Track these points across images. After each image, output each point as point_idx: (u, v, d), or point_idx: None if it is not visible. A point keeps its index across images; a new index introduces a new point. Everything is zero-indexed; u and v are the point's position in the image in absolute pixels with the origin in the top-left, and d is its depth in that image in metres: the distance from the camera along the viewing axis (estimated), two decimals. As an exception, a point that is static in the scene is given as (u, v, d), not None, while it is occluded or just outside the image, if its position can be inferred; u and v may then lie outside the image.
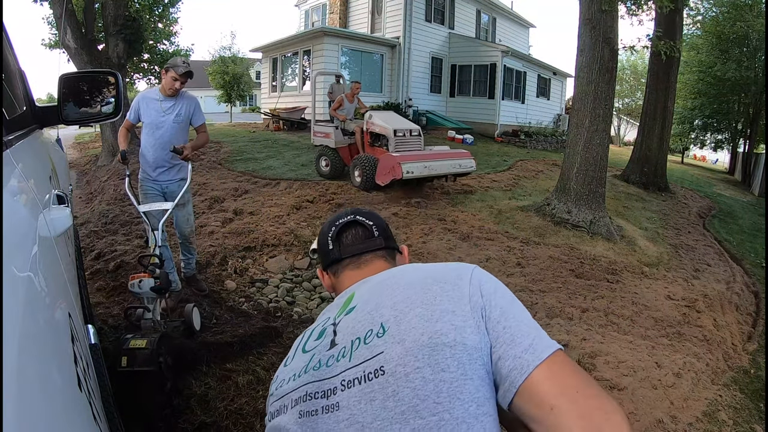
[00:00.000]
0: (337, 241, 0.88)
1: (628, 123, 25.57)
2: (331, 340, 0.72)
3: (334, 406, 0.65)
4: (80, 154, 10.51)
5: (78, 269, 1.45)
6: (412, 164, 5.30)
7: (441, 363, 0.60)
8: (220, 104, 19.97)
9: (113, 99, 1.55)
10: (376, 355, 0.65)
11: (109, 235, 4.22)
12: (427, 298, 0.67)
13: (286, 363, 0.78)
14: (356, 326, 0.70)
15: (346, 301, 0.78)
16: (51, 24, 10.19)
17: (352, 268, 0.87)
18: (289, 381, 0.73)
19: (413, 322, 0.65)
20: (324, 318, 0.80)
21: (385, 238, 0.90)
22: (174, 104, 2.83)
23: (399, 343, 0.64)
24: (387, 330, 0.66)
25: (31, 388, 0.40)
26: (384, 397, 0.61)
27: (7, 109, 1.11)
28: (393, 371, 0.62)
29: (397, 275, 0.76)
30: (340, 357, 0.69)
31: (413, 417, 0.59)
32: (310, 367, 0.71)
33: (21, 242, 0.61)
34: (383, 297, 0.72)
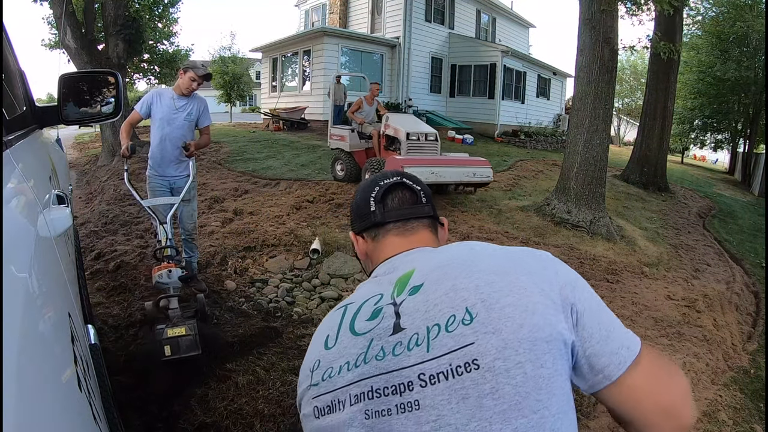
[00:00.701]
0: (382, 203, 0.79)
1: (628, 123, 25.57)
2: (393, 323, 0.63)
3: (412, 404, 0.58)
4: (80, 154, 10.51)
5: (78, 269, 1.45)
6: (416, 169, 4.76)
7: (540, 358, 0.57)
8: (219, 104, 19.96)
9: (113, 99, 1.55)
10: (464, 346, 0.58)
11: (109, 235, 4.22)
12: (517, 287, 0.62)
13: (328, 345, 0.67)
14: (431, 310, 0.62)
15: (404, 278, 0.68)
16: (51, 24, 10.20)
17: (396, 234, 0.78)
18: (341, 370, 0.63)
19: (506, 311, 0.59)
20: (371, 294, 0.69)
21: (431, 206, 0.82)
22: (187, 103, 2.92)
23: (494, 334, 0.58)
24: (475, 317, 0.59)
25: (31, 388, 0.40)
26: (479, 395, 0.56)
27: (7, 109, 1.11)
28: (491, 366, 0.56)
29: (468, 255, 0.68)
30: (413, 345, 0.61)
31: (516, 416, 0.55)
32: (370, 355, 0.62)
33: (21, 242, 0.61)
34: (460, 278, 0.63)
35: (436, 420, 0.56)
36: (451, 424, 0.55)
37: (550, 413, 0.56)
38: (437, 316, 0.61)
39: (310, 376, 0.67)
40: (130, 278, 3.27)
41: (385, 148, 5.84)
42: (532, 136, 13.50)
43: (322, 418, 0.64)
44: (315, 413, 0.64)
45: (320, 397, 0.64)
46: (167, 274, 2.22)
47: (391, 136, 5.70)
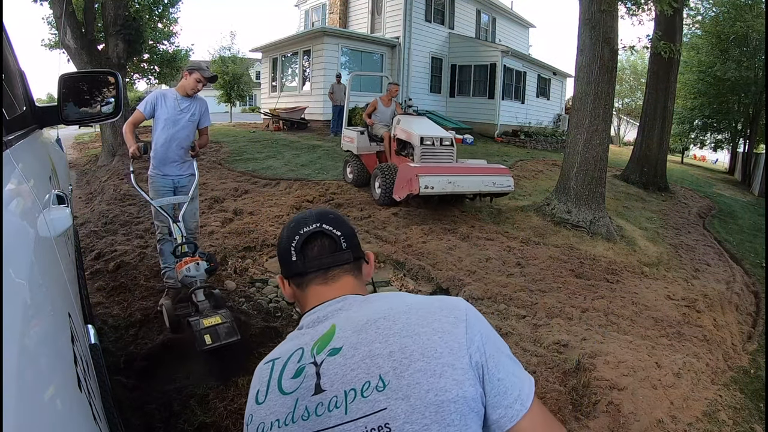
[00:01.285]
0: (302, 253, 0.80)
1: (628, 123, 25.57)
2: (315, 383, 0.69)
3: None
4: (80, 154, 10.51)
5: (78, 269, 1.45)
6: (433, 178, 4.43)
7: (447, 419, 0.63)
8: (219, 104, 19.96)
9: (113, 99, 1.56)
10: (378, 411, 0.64)
11: (109, 235, 4.22)
12: (427, 350, 0.67)
13: (259, 400, 0.72)
14: (348, 374, 0.67)
15: (326, 336, 0.73)
16: (51, 24, 10.20)
17: (319, 284, 0.80)
18: (273, 427, 0.69)
19: (416, 377, 0.65)
20: (296, 349, 0.74)
21: (352, 249, 0.83)
22: (190, 104, 2.94)
23: (403, 400, 0.64)
24: (387, 384, 0.65)
25: (31, 388, 0.40)
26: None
27: (7, 109, 1.11)
28: (401, 429, 0.62)
29: (386, 316, 0.72)
30: (332, 407, 0.66)
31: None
32: (297, 415, 0.67)
33: (21, 242, 0.61)
34: (376, 343, 0.69)
35: None
36: None
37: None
38: (354, 381, 0.67)
39: (246, 428, 0.73)
40: (130, 278, 3.27)
41: (396, 152, 5.47)
42: (532, 136, 13.50)
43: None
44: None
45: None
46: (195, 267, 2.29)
47: (403, 140, 5.31)
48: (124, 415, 1.82)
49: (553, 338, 2.78)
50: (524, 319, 3.07)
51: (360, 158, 6.00)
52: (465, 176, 4.71)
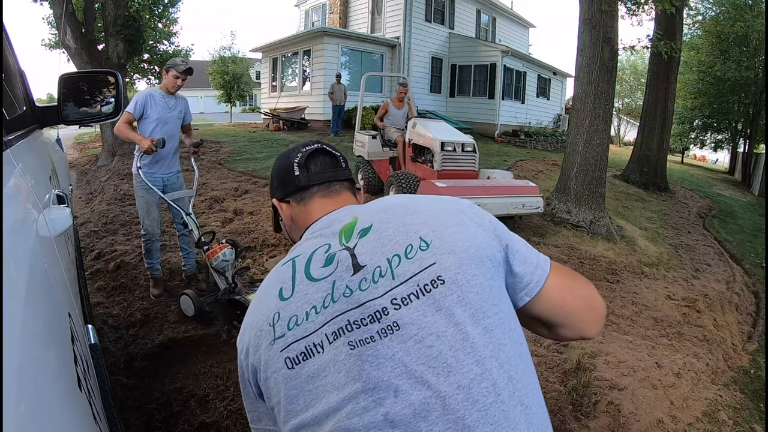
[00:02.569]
0: (305, 167, 0.83)
1: (628, 123, 25.57)
2: (352, 263, 0.67)
3: (392, 326, 0.62)
4: (80, 154, 10.51)
5: (78, 269, 1.45)
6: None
7: (488, 272, 0.67)
8: (220, 104, 19.99)
9: (113, 99, 1.56)
10: (427, 267, 0.65)
11: (109, 235, 4.22)
12: (456, 220, 0.71)
13: (284, 295, 0.68)
14: (386, 245, 0.67)
15: (348, 226, 0.72)
16: (51, 24, 10.21)
17: (322, 196, 0.82)
18: (309, 316, 0.65)
19: (454, 237, 0.68)
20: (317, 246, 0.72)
21: (349, 171, 0.88)
22: (176, 102, 3.00)
23: (450, 253, 0.66)
24: (430, 243, 0.67)
25: (31, 388, 0.40)
26: (450, 304, 0.63)
27: (7, 109, 1.11)
28: (454, 279, 0.64)
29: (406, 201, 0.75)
30: (377, 277, 0.65)
31: (482, 317, 0.63)
32: (337, 294, 0.65)
33: (21, 242, 0.61)
34: (407, 216, 0.70)
35: (417, 333, 0.61)
36: (432, 333, 0.61)
37: (506, 315, 0.66)
38: (395, 248, 0.67)
39: (271, 330, 0.66)
40: (130, 278, 3.27)
41: (411, 159, 5.06)
42: (532, 136, 13.50)
43: (297, 368, 0.63)
44: (288, 365, 0.63)
45: (290, 346, 0.64)
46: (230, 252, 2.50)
47: (420, 145, 4.92)
48: (124, 415, 1.82)
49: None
50: (524, 319, 3.06)
51: (372, 164, 5.64)
52: (494, 198, 4.30)
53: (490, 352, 0.62)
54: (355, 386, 0.60)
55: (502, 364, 0.62)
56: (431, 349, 0.60)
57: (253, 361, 0.68)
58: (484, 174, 4.97)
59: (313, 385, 0.62)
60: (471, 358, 0.61)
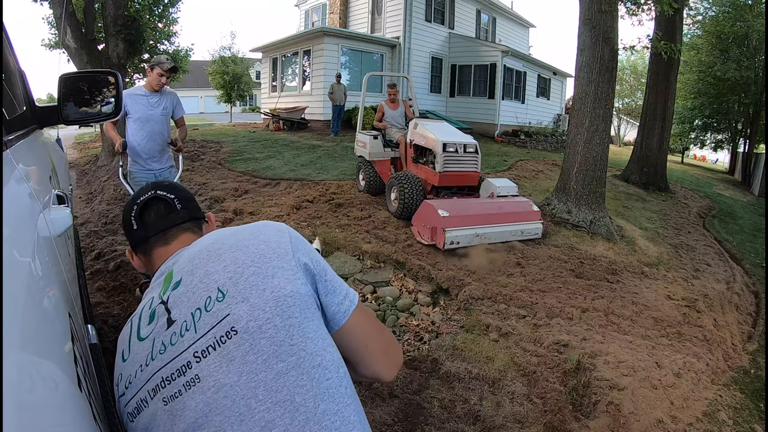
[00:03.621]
0: (140, 220, 0.86)
1: (628, 123, 25.57)
2: (166, 319, 0.71)
3: (194, 379, 0.65)
4: (80, 154, 10.51)
5: (78, 269, 1.45)
6: (460, 232, 4.04)
7: (287, 311, 0.68)
8: (220, 104, 19.98)
9: (113, 99, 1.55)
10: (222, 319, 0.67)
11: (109, 235, 4.22)
12: (257, 257, 0.72)
13: (124, 357, 0.74)
14: (191, 297, 0.71)
15: (167, 278, 0.76)
16: (51, 24, 10.20)
17: (161, 245, 0.85)
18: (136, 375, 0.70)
19: (251, 281, 0.70)
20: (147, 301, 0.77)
21: (189, 210, 0.89)
22: (160, 99, 3.04)
23: (243, 302, 0.68)
24: (226, 293, 0.69)
25: (31, 389, 0.40)
26: (243, 354, 0.65)
27: (7, 109, 1.11)
28: (245, 328, 0.66)
29: (215, 242, 0.77)
30: (184, 331, 0.69)
31: (275, 362, 0.65)
32: (155, 352, 0.70)
33: (21, 242, 0.61)
34: (210, 263, 0.73)
35: (214, 385, 0.64)
36: (227, 384, 0.64)
37: (307, 353, 0.67)
38: (197, 301, 0.70)
39: (116, 389, 0.74)
40: (130, 278, 3.27)
41: (413, 160, 5.03)
42: (532, 136, 13.50)
43: (135, 422, 0.69)
44: (129, 419, 0.70)
45: (128, 403, 0.71)
46: None
47: (421, 146, 4.88)
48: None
49: (553, 338, 2.78)
50: (524, 319, 3.07)
51: (373, 165, 5.60)
52: (493, 227, 4.31)
53: (283, 397, 0.63)
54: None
55: (297, 407, 0.63)
56: (226, 399, 0.63)
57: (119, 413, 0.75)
58: (489, 187, 4.83)
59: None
60: (262, 406, 0.63)
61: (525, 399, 2.22)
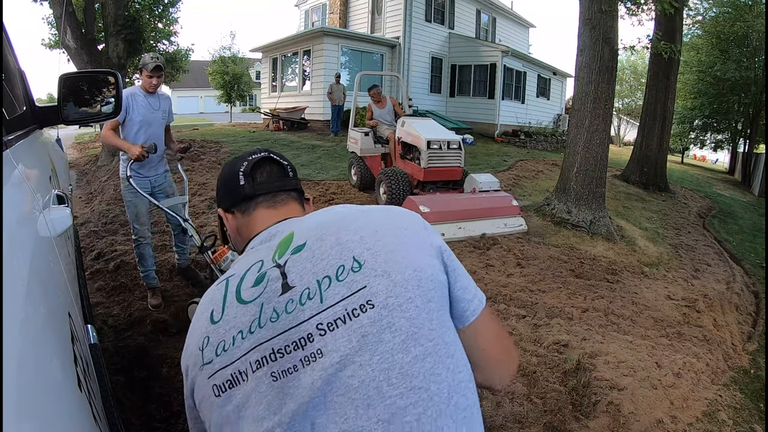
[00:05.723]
0: (251, 176, 0.80)
1: (628, 123, 25.57)
2: (281, 283, 0.64)
3: (315, 354, 0.59)
4: (80, 154, 10.51)
5: (78, 269, 1.45)
6: (442, 226, 4.27)
7: (428, 294, 0.63)
8: (219, 104, 19.98)
9: (113, 99, 1.55)
10: (357, 291, 0.61)
11: (109, 235, 4.22)
12: (397, 237, 0.67)
13: (215, 319, 0.65)
14: (318, 264, 0.64)
15: (285, 241, 0.69)
16: (51, 24, 10.21)
17: (267, 207, 0.79)
18: (236, 341, 0.62)
19: (391, 257, 0.64)
20: (255, 262, 0.68)
21: (297, 179, 0.86)
22: (159, 101, 2.85)
23: (383, 276, 0.62)
24: (363, 264, 0.63)
25: (31, 388, 0.40)
26: (378, 330, 0.59)
27: (7, 109, 1.11)
28: (384, 303, 0.60)
29: (345, 215, 0.71)
30: (305, 300, 0.62)
31: (413, 345, 0.59)
32: (264, 319, 0.62)
33: (21, 242, 0.61)
34: (342, 232, 0.66)
35: (339, 361, 0.58)
36: (356, 362, 0.58)
37: (444, 342, 0.62)
38: (326, 268, 0.63)
39: (200, 355, 0.64)
40: (130, 278, 3.27)
41: (401, 156, 5.26)
42: (532, 136, 13.50)
43: (224, 396, 0.60)
44: (215, 392, 0.61)
45: (217, 373, 0.61)
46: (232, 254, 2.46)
47: (408, 143, 5.11)
48: (124, 415, 1.82)
49: (553, 338, 2.78)
50: (524, 319, 3.07)
51: (364, 160, 5.83)
52: (475, 221, 4.52)
53: (418, 383, 0.58)
54: (272, 420, 0.57)
55: (431, 396, 0.58)
56: (353, 379, 0.57)
57: (191, 384, 0.66)
58: (471, 182, 5.02)
59: (237, 416, 0.59)
60: (395, 390, 0.57)
61: (525, 399, 2.22)
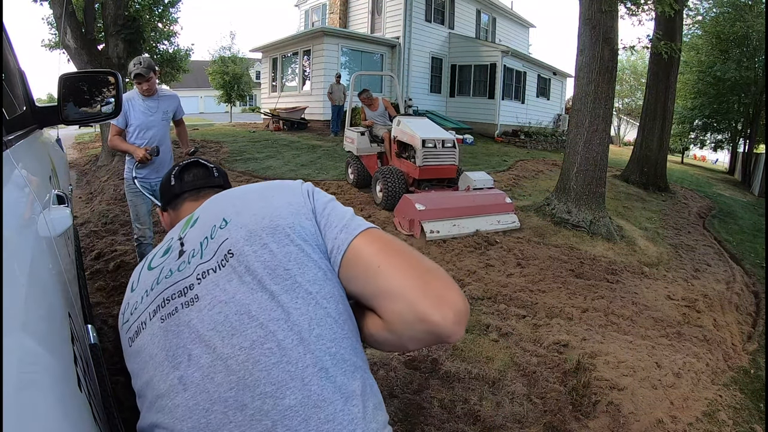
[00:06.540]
0: (179, 178, 0.95)
1: (628, 123, 25.58)
2: (179, 251, 0.76)
3: (193, 299, 0.68)
4: (80, 154, 10.51)
5: (78, 269, 1.45)
6: (437, 223, 4.36)
7: (284, 239, 0.69)
8: (219, 104, 19.98)
9: (113, 99, 1.55)
10: (222, 242, 0.70)
11: (109, 235, 4.22)
12: (266, 195, 0.76)
13: (132, 288, 0.78)
14: (203, 229, 0.75)
15: (188, 221, 0.82)
16: (51, 24, 10.19)
17: (191, 201, 0.93)
18: (142, 300, 0.74)
19: (254, 210, 0.73)
20: (166, 240, 0.82)
21: (224, 179, 0.99)
22: (158, 103, 2.82)
23: (242, 228, 0.71)
24: (229, 221, 0.73)
25: (31, 388, 0.40)
26: (239, 275, 0.67)
27: (7, 109, 1.11)
28: (241, 251, 0.68)
29: (234, 190, 0.84)
30: (191, 258, 0.73)
31: (270, 283, 0.66)
32: (161, 277, 0.73)
33: (21, 242, 0.61)
34: (224, 203, 0.78)
35: (210, 302, 0.66)
36: (222, 300, 0.66)
37: (305, 279, 0.66)
38: (205, 231, 0.75)
39: (122, 318, 0.77)
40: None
41: (396, 155, 5.36)
42: (532, 136, 13.50)
43: (134, 345, 0.72)
44: (128, 343, 0.73)
45: (130, 327, 0.74)
46: None
47: (404, 142, 5.19)
48: (124, 415, 1.82)
49: (553, 338, 2.78)
50: (524, 319, 3.07)
51: (360, 159, 5.94)
52: (469, 218, 4.62)
53: (277, 315, 0.64)
54: (161, 355, 0.66)
55: (291, 326, 0.63)
56: (219, 315, 0.65)
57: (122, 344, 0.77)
58: (466, 180, 5.11)
59: (141, 358, 0.70)
60: (254, 322, 0.63)
61: (525, 399, 2.22)
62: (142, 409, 0.70)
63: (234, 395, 0.60)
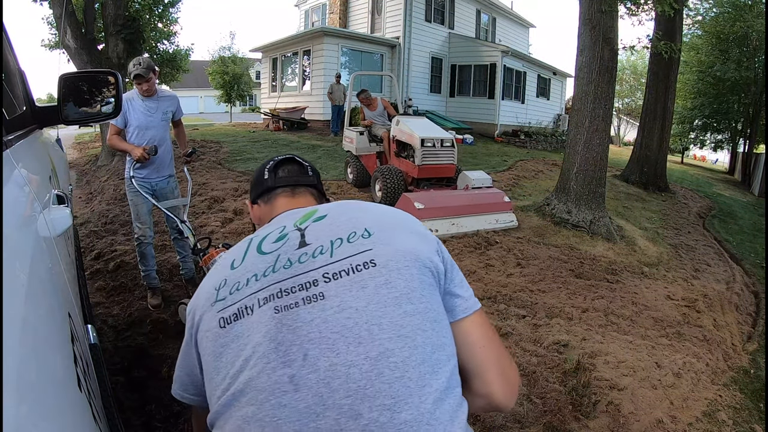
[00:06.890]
0: (274, 172, 0.94)
1: (628, 123, 25.57)
2: (299, 240, 0.74)
3: (317, 296, 0.66)
4: (80, 154, 10.51)
5: (78, 269, 1.45)
6: (436, 222, 4.41)
7: (422, 270, 0.71)
8: (219, 104, 19.98)
9: (113, 99, 1.55)
10: (363, 251, 0.70)
11: (109, 235, 4.22)
12: (404, 223, 0.77)
13: (234, 265, 0.74)
14: (334, 229, 0.74)
15: (309, 214, 0.79)
16: (51, 24, 10.20)
17: (285, 196, 0.92)
18: (249, 282, 0.70)
19: (396, 234, 0.74)
20: (274, 228, 0.79)
21: (317, 179, 0.98)
22: (157, 104, 2.82)
23: (387, 245, 0.71)
24: (372, 234, 0.72)
25: (31, 388, 0.40)
26: (376, 285, 0.67)
27: (7, 109, 1.11)
28: (385, 264, 0.69)
29: (361, 203, 0.82)
30: (317, 254, 0.71)
31: (406, 302, 0.66)
32: (278, 266, 0.71)
33: (21, 242, 0.61)
34: (358, 212, 0.77)
35: (338, 305, 0.65)
36: (352, 307, 0.65)
37: (432, 308, 0.69)
38: (340, 233, 0.73)
39: (215, 294, 0.72)
40: (130, 278, 3.27)
41: (395, 154, 5.39)
42: (532, 136, 13.50)
43: (228, 327, 0.67)
44: (221, 324, 0.68)
45: (226, 308, 0.69)
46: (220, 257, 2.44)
47: (403, 141, 5.22)
48: (124, 415, 1.82)
49: (553, 338, 2.78)
50: (524, 319, 3.07)
51: (360, 159, 5.97)
52: (467, 217, 4.70)
53: (406, 333, 0.64)
54: (269, 345, 0.63)
55: (416, 346, 0.64)
56: (348, 320, 0.64)
57: (197, 322, 0.72)
58: (464, 179, 5.15)
59: (237, 344, 0.66)
60: (384, 334, 0.63)
61: (525, 399, 2.22)
62: (220, 397, 0.65)
63: (350, 403, 0.60)
